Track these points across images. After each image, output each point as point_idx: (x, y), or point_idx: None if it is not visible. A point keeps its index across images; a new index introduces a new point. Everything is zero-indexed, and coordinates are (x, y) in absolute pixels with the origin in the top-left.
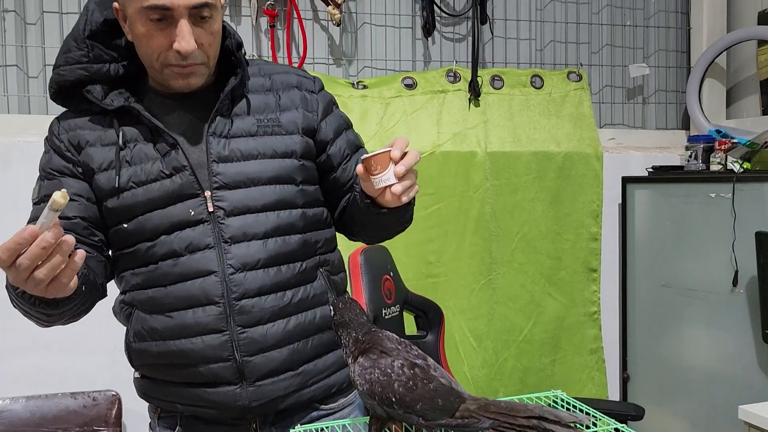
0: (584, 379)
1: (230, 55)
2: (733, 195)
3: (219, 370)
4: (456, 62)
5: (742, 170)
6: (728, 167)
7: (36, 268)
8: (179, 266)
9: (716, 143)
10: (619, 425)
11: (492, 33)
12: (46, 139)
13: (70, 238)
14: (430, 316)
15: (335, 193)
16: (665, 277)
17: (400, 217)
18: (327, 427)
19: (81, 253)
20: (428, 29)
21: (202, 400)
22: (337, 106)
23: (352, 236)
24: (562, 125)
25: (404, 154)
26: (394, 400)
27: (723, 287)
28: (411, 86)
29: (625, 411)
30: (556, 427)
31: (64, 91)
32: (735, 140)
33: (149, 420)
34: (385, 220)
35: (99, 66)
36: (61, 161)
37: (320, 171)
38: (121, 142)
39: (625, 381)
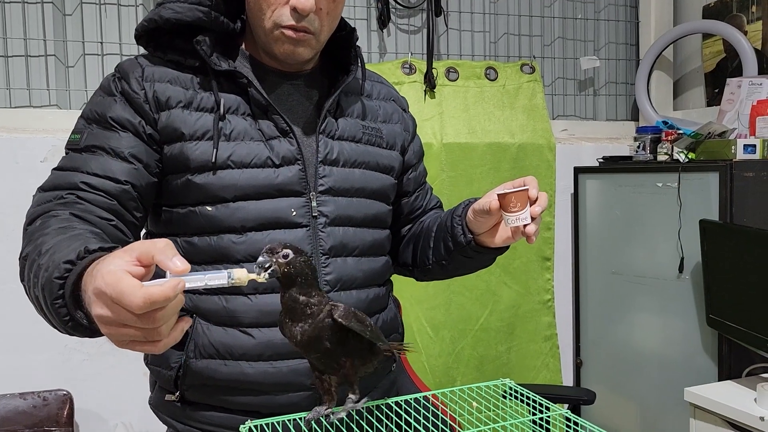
0: (539, 365)
1: (341, 47)
2: (679, 184)
3: (297, 399)
4: (411, 54)
5: (687, 160)
6: (674, 157)
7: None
8: None
9: (663, 134)
10: (567, 413)
11: (447, 25)
12: (114, 78)
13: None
14: None
15: (398, 219)
16: (615, 264)
17: (492, 259)
18: (279, 422)
19: (188, 321)
20: (383, 21)
21: None
22: None
23: (408, 268)
24: (515, 117)
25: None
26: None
27: (670, 274)
28: None
29: (576, 396)
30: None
31: (158, 32)
32: (681, 131)
33: None
34: (477, 259)
35: (217, 15)
36: (129, 113)
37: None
38: (222, 111)
39: (578, 366)
